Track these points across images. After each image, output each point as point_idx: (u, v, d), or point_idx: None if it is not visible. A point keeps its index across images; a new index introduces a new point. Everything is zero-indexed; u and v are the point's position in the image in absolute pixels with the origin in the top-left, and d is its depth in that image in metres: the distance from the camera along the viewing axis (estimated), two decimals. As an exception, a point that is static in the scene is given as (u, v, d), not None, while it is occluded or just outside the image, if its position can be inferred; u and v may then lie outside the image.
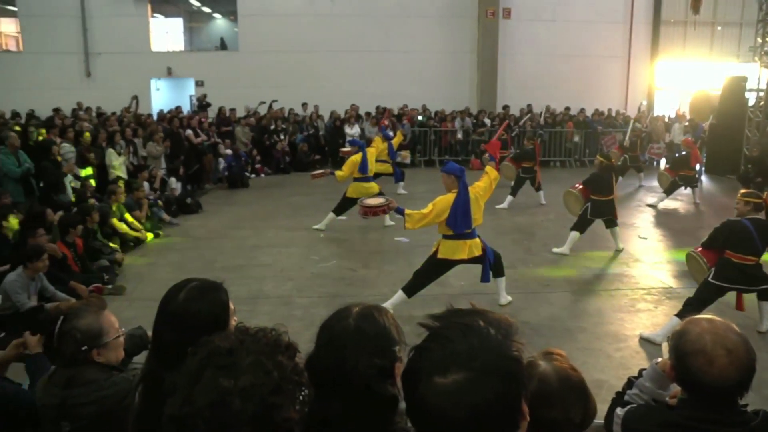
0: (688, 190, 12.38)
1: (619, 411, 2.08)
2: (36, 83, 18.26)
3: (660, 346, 5.39)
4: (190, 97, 20.11)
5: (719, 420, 1.78)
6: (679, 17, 20.27)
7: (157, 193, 11.00)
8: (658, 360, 2.17)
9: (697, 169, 13.07)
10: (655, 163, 17.22)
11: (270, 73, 18.69)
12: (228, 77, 18.77)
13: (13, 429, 2.20)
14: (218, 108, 16.59)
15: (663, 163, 16.51)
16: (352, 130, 16.47)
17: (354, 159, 9.54)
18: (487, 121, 17.67)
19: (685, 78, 20.21)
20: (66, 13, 18.58)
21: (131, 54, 18.84)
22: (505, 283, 6.56)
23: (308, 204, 11.61)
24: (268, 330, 1.15)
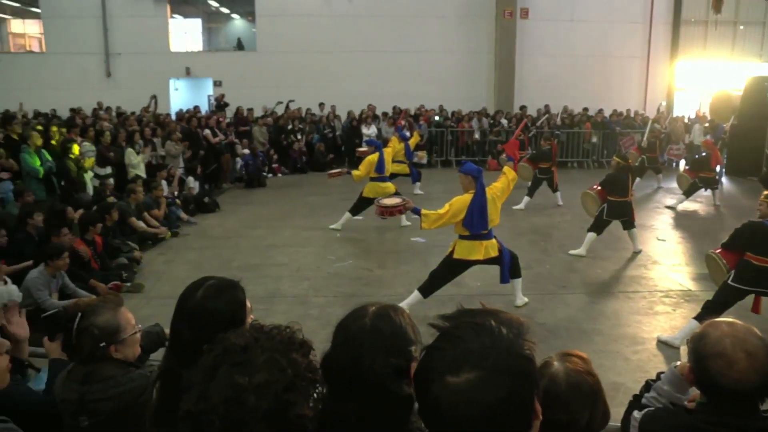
0: (708, 192, 12.23)
1: (636, 414, 2.05)
2: (58, 83, 18.53)
3: (678, 349, 5.34)
4: (208, 97, 20.27)
5: (739, 425, 1.74)
6: (699, 16, 20.01)
7: (176, 192, 11.10)
8: (677, 363, 2.15)
9: (718, 170, 12.91)
10: (675, 164, 17.03)
11: (287, 73, 18.78)
12: (246, 77, 18.89)
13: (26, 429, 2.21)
14: (236, 108, 16.72)
15: (682, 164, 16.33)
16: (369, 130, 16.48)
17: (371, 159, 9.55)
18: (504, 122, 17.59)
19: (705, 78, 19.96)
20: (87, 14, 18.83)
21: (151, 54, 19.04)
22: (522, 284, 6.53)
23: (325, 204, 11.65)
24: (283, 328, 1.16)
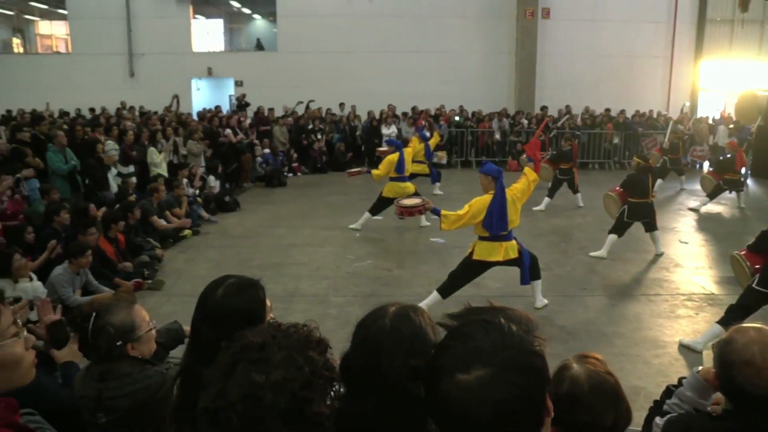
0: (733, 194, 12.04)
1: (659, 420, 2.02)
2: (83, 83, 18.82)
3: (701, 353, 5.26)
4: (230, 97, 20.43)
5: None
6: (725, 15, 19.68)
7: (197, 191, 11.20)
8: (699, 368, 2.12)
9: (743, 172, 12.70)
10: (698, 165, 16.80)
11: (308, 73, 18.86)
12: (267, 77, 19.01)
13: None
14: (257, 108, 16.83)
15: (706, 166, 16.09)
16: (389, 130, 16.48)
17: (391, 158, 9.55)
18: (525, 122, 17.48)
19: (731, 78, 19.62)
20: (112, 15, 19.10)
21: (173, 54, 19.25)
22: (542, 286, 6.49)
23: (344, 203, 11.68)
24: (300, 326, 1.16)
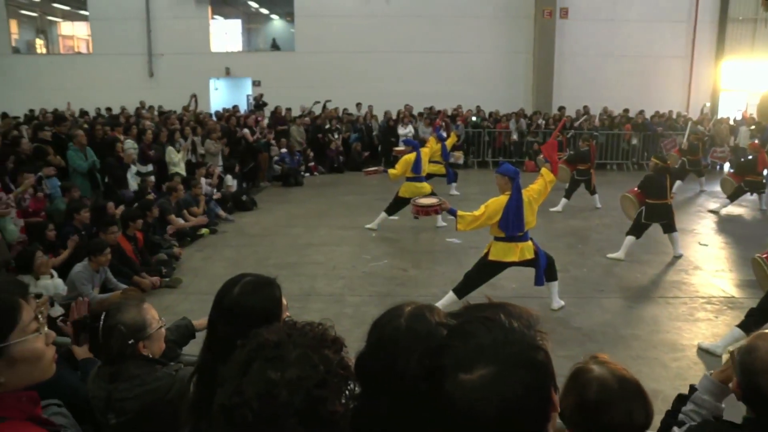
0: (754, 196, 11.87)
1: (678, 431, 1.99)
2: (103, 83, 19.05)
3: (720, 357, 5.20)
4: (247, 97, 20.56)
5: None
6: (748, 14, 19.41)
7: (214, 190, 11.28)
8: (712, 372, 2.09)
9: (765, 174, 12.52)
10: (718, 167, 16.58)
11: (325, 73, 18.93)
12: (284, 77, 19.11)
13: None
14: (274, 107, 16.91)
15: (726, 167, 15.88)
16: (405, 130, 16.49)
17: (408, 158, 9.55)
18: (542, 122, 17.38)
19: (753, 78, 19.35)
20: (132, 16, 19.34)
21: (192, 54, 19.43)
22: (558, 288, 6.46)
23: (361, 203, 11.70)
24: (315, 324, 1.17)
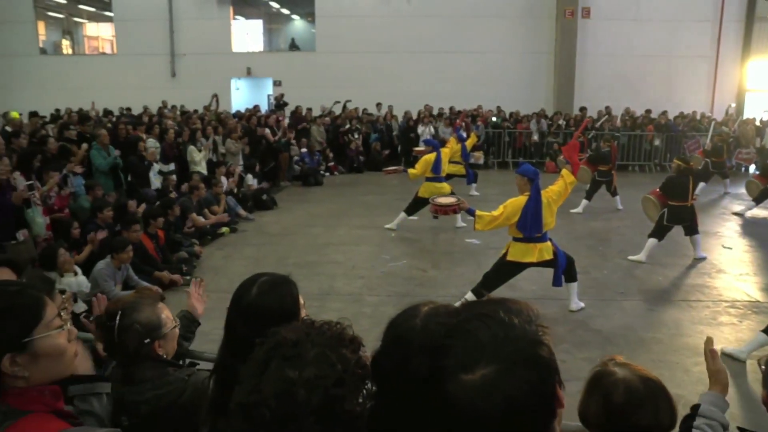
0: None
1: None
2: (127, 83, 19.30)
3: (744, 363, 5.12)
4: (268, 97, 20.67)
5: None
6: (775, 14, 19.10)
7: (234, 189, 11.36)
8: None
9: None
10: (743, 169, 16.31)
11: (345, 73, 18.96)
12: (304, 77, 19.19)
13: None
14: (295, 107, 16.98)
15: (752, 169, 15.61)
16: (425, 130, 16.47)
17: (428, 158, 9.55)
18: (563, 123, 17.25)
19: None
20: (155, 16, 19.56)
21: (213, 55, 19.60)
22: (578, 289, 6.40)
23: (380, 203, 11.71)
24: (333, 323, 1.18)
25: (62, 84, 19.50)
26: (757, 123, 17.47)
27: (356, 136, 16.68)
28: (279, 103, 18.02)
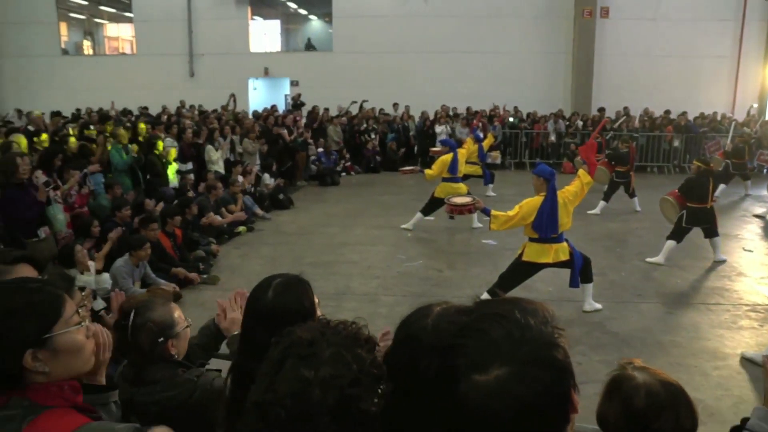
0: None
1: None
2: (146, 83, 19.48)
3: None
4: (285, 96, 20.75)
5: None
6: (799, 13, 18.78)
7: (251, 188, 11.41)
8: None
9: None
10: (765, 170, 16.07)
11: (362, 73, 18.98)
12: (322, 77, 19.24)
13: None
14: (312, 107, 17.02)
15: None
16: (441, 130, 16.44)
17: (444, 159, 9.54)
18: (580, 123, 17.12)
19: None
20: (174, 17, 19.72)
21: (231, 55, 19.73)
22: (595, 291, 6.36)
23: (397, 203, 11.71)
24: (348, 323, 1.18)
25: (83, 84, 19.74)
26: (780, 124, 17.20)
27: (373, 137, 16.69)
28: (296, 103, 18.07)
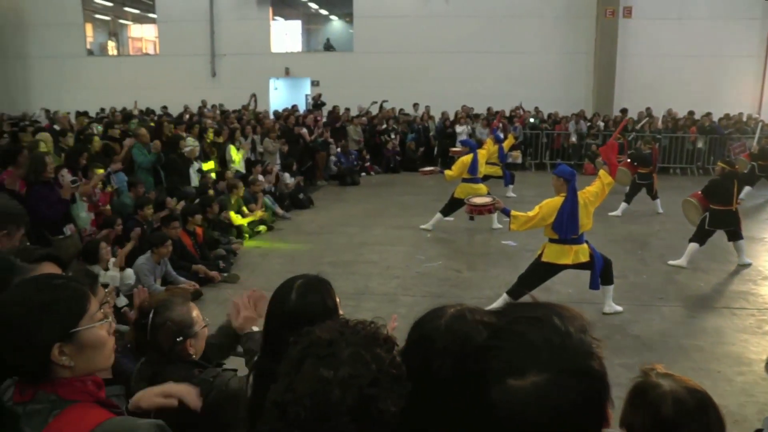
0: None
1: None
2: (168, 83, 19.70)
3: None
4: (306, 96, 20.85)
5: None
6: (828, 11, 18.39)
7: (272, 187, 11.48)
8: None
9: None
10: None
11: (383, 73, 18.98)
12: (342, 77, 19.28)
13: None
14: (332, 107, 17.08)
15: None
16: (462, 130, 16.39)
17: (464, 159, 9.51)
18: (601, 124, 16.96)
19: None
20: (196, 18, 19.92)
21: (252, 55, 19.87)
22: (616, 294, 6.30)
23: (416, 203, 11.71)
24: (367, 323, 1.18)
25: (107, 84, 20.04)
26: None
27: (393, 137, 16.70)
28: (317, 103, 18.16)
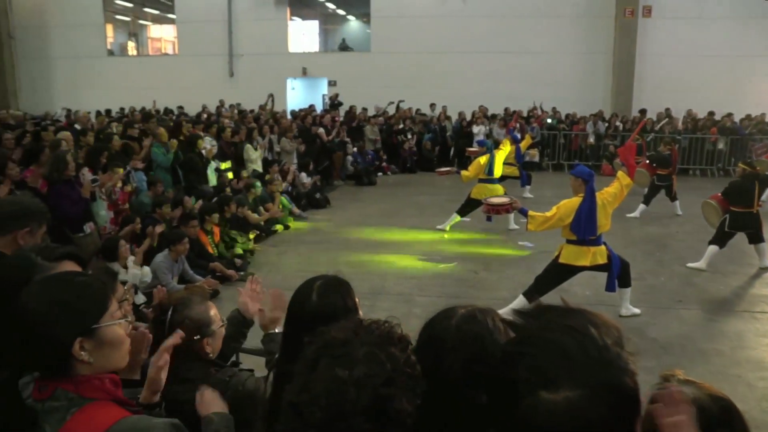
0: None
1: None
2: (187, 82, 19.88)
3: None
4: (323, 96, 20.92)
5: None
6: None
7: (289, 187, 11.53)
8: None
9: None
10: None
11: (400, 73, 18.99)
12: (359, 77, 19.31)
13: None
14: (349, 107, 17.11)
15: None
16: (479, 130, 16.34)
17: (480, 161, 9.48)
18: (620, 125, 16.81)
19: None
20: (215, 18, 20.09)
21: (270, 55, 19.98)
22: (634, 296, 6.24)
23: (433, 204, 11.69)
24: (382, 322, 1.18)
25: (127, 84, 20.28)
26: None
27: (409, 137, 16.69)
28: (334, 103, 18.21)
